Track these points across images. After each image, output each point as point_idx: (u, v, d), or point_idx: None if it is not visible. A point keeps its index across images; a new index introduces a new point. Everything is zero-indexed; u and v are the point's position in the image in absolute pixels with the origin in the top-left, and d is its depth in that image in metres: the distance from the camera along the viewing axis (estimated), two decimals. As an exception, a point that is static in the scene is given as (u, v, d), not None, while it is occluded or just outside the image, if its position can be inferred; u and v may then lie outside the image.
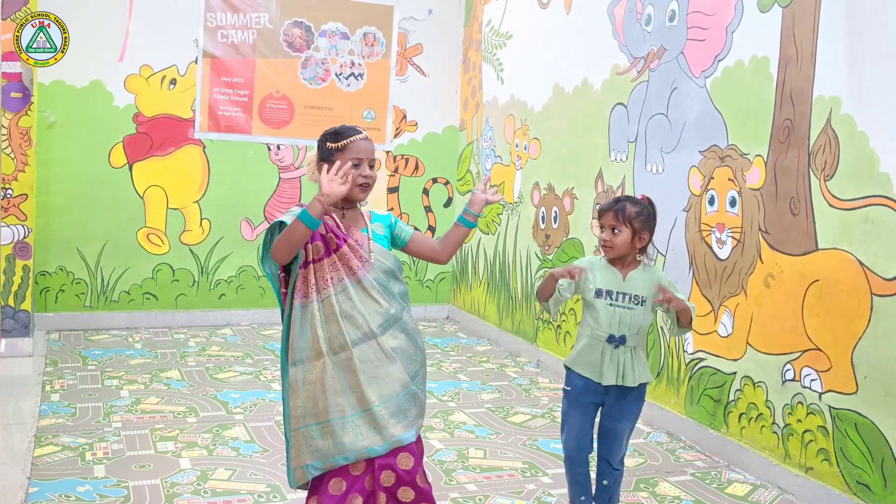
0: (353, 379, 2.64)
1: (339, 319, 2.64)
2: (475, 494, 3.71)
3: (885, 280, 3.42)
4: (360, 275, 2.67)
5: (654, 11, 4.88)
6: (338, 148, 2.71)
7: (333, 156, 2.70)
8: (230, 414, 4.67)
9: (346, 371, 2.64)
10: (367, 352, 2.66)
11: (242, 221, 6.97)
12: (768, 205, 4.03)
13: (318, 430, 2.64)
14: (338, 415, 2.62)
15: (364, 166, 2.72)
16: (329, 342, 2.64)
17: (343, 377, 2.64)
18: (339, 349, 2.64)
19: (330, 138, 2.74)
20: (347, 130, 2.74)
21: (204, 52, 6.71)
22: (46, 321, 6.45)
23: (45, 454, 3.93)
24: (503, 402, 5.12)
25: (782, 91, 3.96)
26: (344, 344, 2.63)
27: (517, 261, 6.47)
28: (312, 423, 2.65)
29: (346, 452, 2.62)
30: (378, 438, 2.64)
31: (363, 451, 2.63)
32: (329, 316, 2.64)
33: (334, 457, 2.63)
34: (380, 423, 2.64)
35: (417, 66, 7.40)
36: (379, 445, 2.64)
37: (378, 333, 2.68)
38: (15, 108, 5.53)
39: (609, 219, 3.18)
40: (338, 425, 2.62)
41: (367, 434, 2.64)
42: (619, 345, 3.17)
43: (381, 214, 2.87)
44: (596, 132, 5.46)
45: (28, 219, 5.63)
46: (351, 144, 2.71)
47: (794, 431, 3.86)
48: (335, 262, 2.67)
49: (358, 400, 2.64)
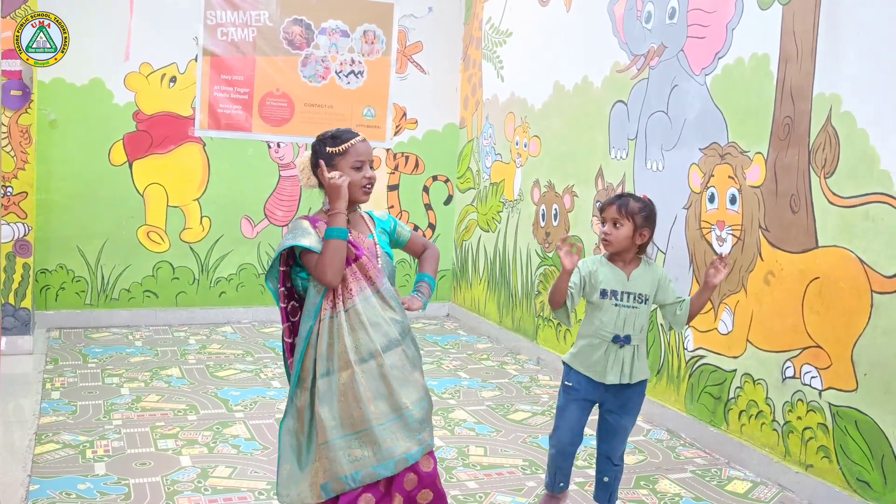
0: (385, 386, 2.65)
1: (367, 327, 2.65)
2: (475, 492, 3.72)
3: (886, 277, 3.42)
4: (378, 284, 2.70)
5: (655, 9, 4.87)
6: (339, 152, 2.70)
7: (335, 160, 2.70)
8: (230, 412, 4.67)
9: (377, 378, 2.64)
10: (395, 358, 2.69)
11: (242, 219, 6.97)
12: (768, 202, 4.03)
13: (356, 439, 2.63)
14: (375, 422, 2.62)
15: (366, 168, 2.73)
16: (357, 351, 2.64)
17: (373, 385, 2.64)
18: (368, 357, 2.64)
19: (329, 142, 2.73)
20: (346, 134, 2.74)
21: (204, 49, 6.71)
22: (47, 319, 6.45)
23: (45, 452, 3.93)
24: (503, 400, 5.12)
25: (782, 88, 3.96)
26: (374, 351, 2.64)
27: (517, 258, 6.47)
28: (349, 433, 2.63)
29: (386, 460, 2.62)
30: (414, 444, 2.66)
31: (402, 457, 2.64)
32: (355, 325, 2.65)
33: (374, 465, 2.62)
34: (413, 427, 2.66)
35: (417, 63, 7.40)
36: (416, 450, 2.66)
37: (401, 340, 2.72)
38: (15, 105, 5.53)
39: (612, 212, 3.19)
40: (377, 432, 2.62)
41: (404, 439, 2.65)
42: (623, 344, 3.18)
43: (381, 219, 2.88)
44: (596, 130, 5.46)
45: (28, 217, 5.63)
46: (352, 148, 2.71)
47: (794, 429, 3.86)
48: (356, 272, 2.68)
49: (391, 407, 2.65)
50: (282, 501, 2.76)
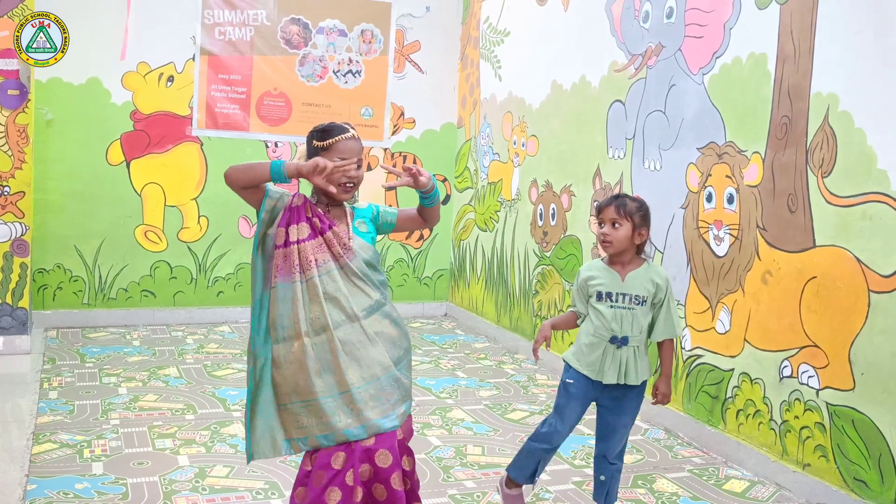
0: (333, 360, 2.64)
1: (322, 301, 2.64)
2: (473, 491, 3.72)
3: (883, 277, 3.43)
4: (343, 260, 2.69)
5: (652, 8, 4.88)
6: (323, 147, 2.70)
7: (318, 155, 2.69)
8: (228, 411, 4.67)
9: (326, 352, 2.64)
10: (350, 334, 2.67)
11: (240, 219, 6.96)
12: (766, 202, 4.04)
13: (303, 407, 2.65)
14: (320, 395, 2.63)
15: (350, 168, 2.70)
16: (311, 323, 2.64)
17: (322, 358, 2.64)
18: (320, 330, 2.64)
19: (317, 136, 2.73)
20: (335, 129, 2.73)
21: (201, 49, 6.70)
22: (44, 319, 6.45)
23: (43, 451, 3.93)
24: (501, 399, 5.13)
25: (780, 88, 3.97)
26: (325, 325, 2.64)
27: (515, 258, 6.47)
28: (297, 400, 2.66)
29: (326, 431, 2.62)
30: (354, 421, 2.63)
31: (340, 432, 2.62)
32: (313, 297, 2.65)
33: (316, 435, 2.64)
34: (358, 405, 2.63)
35: (415, 63, 7.40)
36: (356, 428, 2.63)
37: (362, 317, 2.69)
38: (12, 105, 5.53)
39: (610, 213, 3.19)
40: (321, 404, 2.63)
41: (345, 416, 2.63)
42: (621, 345, 3.18)
43: (361, 209, 2.85)
44: (594, 129, 5.46)
45: (25, 216, 5.62)
46: (336, 144, 2.69)
47: (792, 428, 3.86)
48: (322, 244, 2.68)
49: (337, 381, 2.64)
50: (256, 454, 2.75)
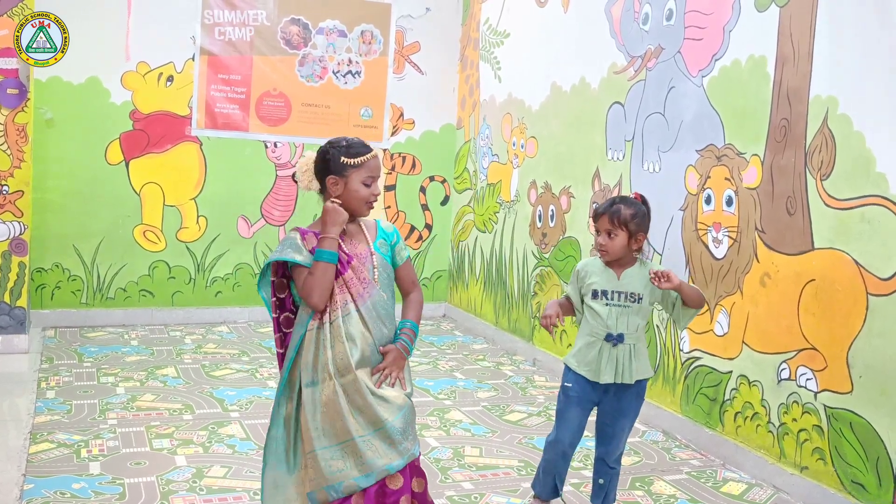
0: (362, 400, 2.63)
1: (345, 342, 2.64)
2: (471, 493, 3.72)
3: (881, 280, 3.43)
4: (361, 301, 2.67)
5: (652, 10, 4.88)
6: (354, 164, 2.66)
7: (347, 171, 2.67)
8: (226, 411, 4.66)
9: (354, 392, 2.64)
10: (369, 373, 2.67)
11: (239, 219, 6.96)
12: (765, 204, 4.04)
13: (339, 450, 2.63)
14: (356, 434, 2.62)
15: (375, 186, 2.71)
16: (336, 364, 2.64)
17: (353, 398, 2.64)
18: (344, 371, 2.63)
19: (345, 153, 2.68)
20: (361, 147, 2.70)
21: (201, 49, 6.70)
22: (42, 318, 6.44)
23: (40, 451, 3.92)
24: (499, 401, 5.12)
25: (779, 90, 3.97)
26: (348, 366, 2.63)
27: (514, 259, 6.47)
28: (333, 443, 2.63)
29: (368, 471, 2.61)
30: (395, 455, 2.65)
31: (383, 468, 2.63)
32: (336, 338, 2.65)
33: (355, 476, 2.62)
34: (394, 439, 2.65)
35: (415, 64, 7.40)
36: (397, 461, 2.65)
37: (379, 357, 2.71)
38: (11, 104, 5.52)
39: (604, 223, 3.19)
40: (359, 444, 2.61)
41: (385, 452, 2.64)
42: (616, 343, 3.18)
43: (385, 230, 2.84)
44: (593, 131, 5.46)
45: (24, 215, 5.62)
46: (367, 163, 2.68)
47: (790, 430, 3.86)
48: (342, 285, 2.66)
49: (370, 420, 2.64)
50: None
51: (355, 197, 2.68)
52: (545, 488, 3.40)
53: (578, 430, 3.30)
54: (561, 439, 3.28)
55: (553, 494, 3.41)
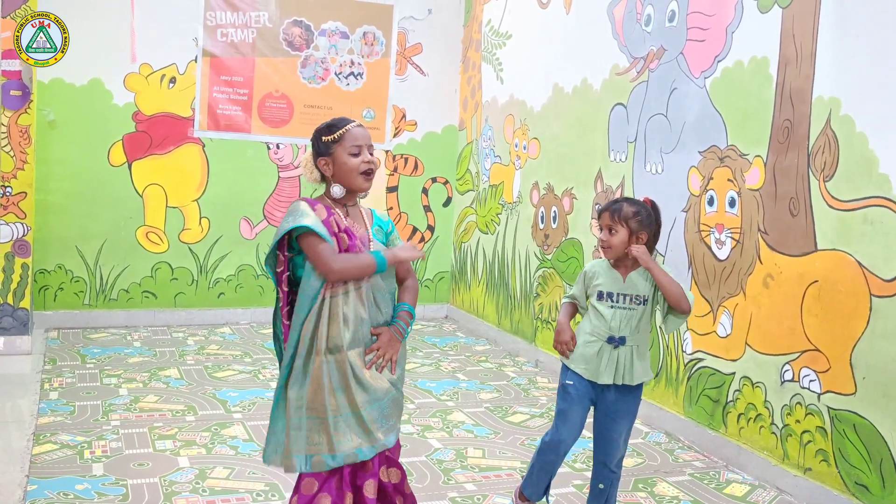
0: (344, 381, 2.65)
1: (340, 321, 2.65)
2: (474, 494, 3.72)
3: (884, 281, 3.42)
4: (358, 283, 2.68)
5: (654, 12, 4.88)
6: (334, 139, 2.70)
7: (332, 148, 2.69)
8: (229, 412, 4.67)
9: (339, 372, 2.65)
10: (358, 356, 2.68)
11: (241, 220, 6.97)
12: (767, 205, 4.04)
13: (317, 423, 2.64)
14: (332, 413, 2.64)
15: (364, 153, 2.71)
16: (328, 341, 2.65)
17: (336, 377, 2.65)
18: (334, 349, 2.65)
19: (324, 132, 2.73)
20: (340, 122, 2.74)
21: (203, 50, 6.71)
22: (45, 319, 6.45)
23: (43, 452, 3.93)
24: (502, 402, 5.12)
25: (782, 92, 3.97)
26: (339, 345, 2.65)
27: (516, 260, 6.47)
28: (312, 416, 2.65)
29: (336, 452, 2.63)
30: (366, 441, 2.66)
31: (352, 452, 2.65)
32: (333, 316, 2.66)
33: (324, 454, 2.64)
34: (368, 426, 2.66)
35: (417, 65, 7.40)
36: (367, 448, 2.66)
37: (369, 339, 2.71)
38: (14, 106, 5.53)
39: (606, 219, 3.20)
40: (332, 423, 2.63)
41: (357, 435, 2.66)
42: (618, 345, 3.18)
43: (382, 219, 2.87)
44: (595, 132, 5.46)
45: (27, 217, 5.63)
46: (347, 133, 2.70)
47: (793, 432, 3.86)
48: None
49: (349, 401, 2.65)
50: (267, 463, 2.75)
51: (346, 170, 2.68)
52: (537, 490, 3.38)
53: (580, 430, 3.30)
54: (565, 439, 3.28)
55: (541, 497, 3.39)
